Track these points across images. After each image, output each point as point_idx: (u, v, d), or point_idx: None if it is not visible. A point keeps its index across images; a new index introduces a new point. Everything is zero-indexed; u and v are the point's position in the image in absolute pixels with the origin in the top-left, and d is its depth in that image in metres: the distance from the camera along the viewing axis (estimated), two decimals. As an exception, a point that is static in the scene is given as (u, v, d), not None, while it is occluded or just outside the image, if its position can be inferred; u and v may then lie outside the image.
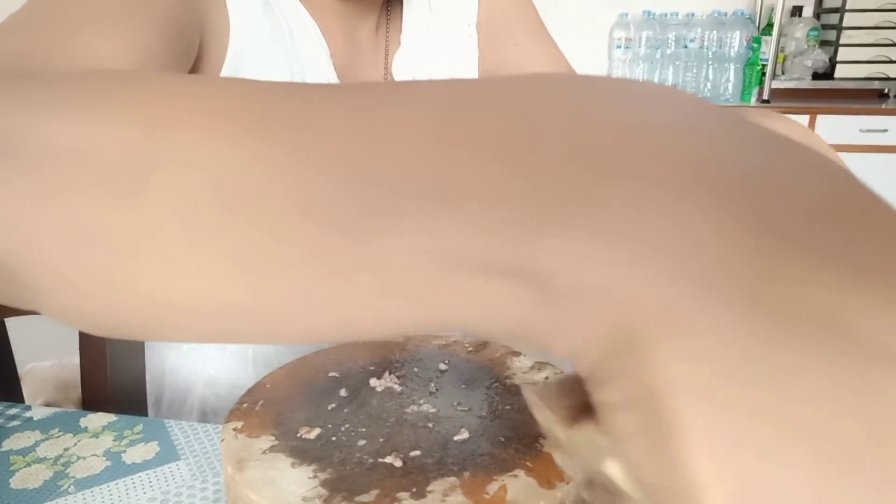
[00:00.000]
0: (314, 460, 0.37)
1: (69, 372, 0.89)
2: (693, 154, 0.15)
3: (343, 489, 0.34)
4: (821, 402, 0.13)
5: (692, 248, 0.14)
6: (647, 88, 0.18)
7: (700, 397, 0.14)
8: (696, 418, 0.14)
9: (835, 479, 0.13)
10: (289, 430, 0.40)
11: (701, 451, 0.14)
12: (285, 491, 0.34)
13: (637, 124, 0.16)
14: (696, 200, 0.14)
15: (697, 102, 0.17)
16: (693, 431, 0.14)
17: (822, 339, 0.13)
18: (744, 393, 0.13)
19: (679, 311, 0.14)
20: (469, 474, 0.35)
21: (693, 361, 0.14)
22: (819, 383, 0.13)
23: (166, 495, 0.48)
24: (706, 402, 0.13)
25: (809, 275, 0.13)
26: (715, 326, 0.14)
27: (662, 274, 0.14)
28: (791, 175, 0.15)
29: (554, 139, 0.16)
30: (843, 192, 0.15)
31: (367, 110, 0.18)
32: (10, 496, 0.49)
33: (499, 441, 0.38)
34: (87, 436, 0.56)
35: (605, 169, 0.15)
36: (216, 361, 0.66)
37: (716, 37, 3.02)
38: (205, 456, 0.53)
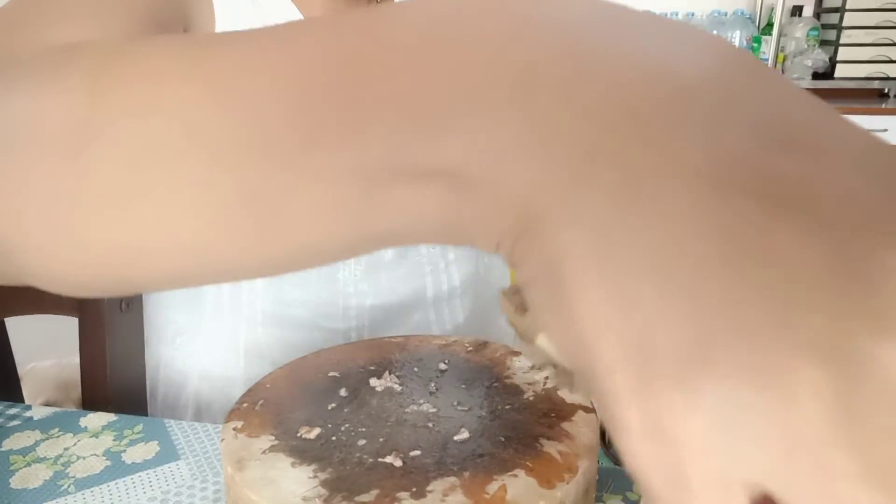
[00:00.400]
0: (314, 460, 0.37)
1: (69, 372, 0.89)
2: (570, 55, 0.17)
3: (343, 489, 0.34)
4: (688, 248, 0.15)
5: (570, 134, 0.16)
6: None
7: (586, 258, 0.15)
8: (585, 276, 0.15)
9: (708, 314, 0.14)
10: (289, 429, 0.40)
11: (592, 304, 0.15)
12: (285, 491, 0.34)
13: (521, 32, 0.18)
14: (573, 96, 0.16)
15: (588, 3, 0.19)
16: (584, 287, 0.16)
17: (686, 195, 0.15)
18: (622, 249, 0.15)
19: (564, 187, 0.16)
20: (469, 474, 0.35)
21: (578, 229, 0.16)
22: (684, 232, 0.15)
23: (166, 495, 0.48)
24: (592, 261, 0.15)
25: (667, 142, 0.15)
26: (594, 195, 0.16)
27: (549, 158, 0.16)
28: (657, 59, 0.17)
29: (448, 52, 0.18)
30: (713, 69, 0.17)
31: (283, 50, 0.20)
32: (10, 496, 0.49)
33: (499, 441, 0.38)
34: (87, 435, 0.56)
35: (495, 74, 0.17)
36: (208, 354, 0.66)
37: (716, 36, 3.02)
38: (205, 456, 0.53)
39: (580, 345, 0.16)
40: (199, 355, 0.67)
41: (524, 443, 0.38)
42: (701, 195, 0.15)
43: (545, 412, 0.41)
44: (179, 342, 0.67)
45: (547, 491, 0.34)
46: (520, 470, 0.35)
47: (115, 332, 0.67)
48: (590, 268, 0.15)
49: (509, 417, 0.41)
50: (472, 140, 0.17)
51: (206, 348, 0.66)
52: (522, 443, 0.38)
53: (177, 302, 0.67)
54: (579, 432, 0.39)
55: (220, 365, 0.66)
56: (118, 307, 0.67)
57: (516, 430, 0.39)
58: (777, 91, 0.17)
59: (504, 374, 0.45)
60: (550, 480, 0.35)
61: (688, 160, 0.15)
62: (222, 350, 0.66)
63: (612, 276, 0.15)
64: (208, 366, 0.67)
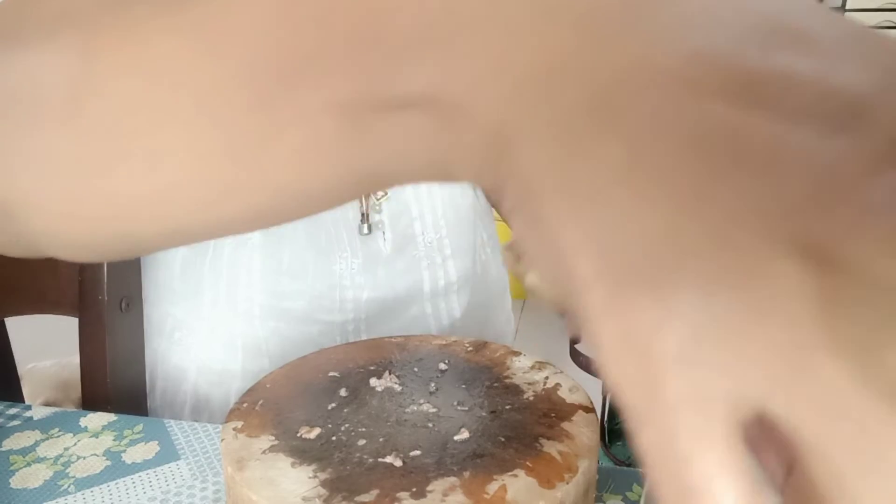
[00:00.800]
0: (314, 460, 0.37)
1: (69, 372, 0.89)
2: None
3: (343, 489, 0.34)
4: (657, 149, 0.15)
5: (537, 49, 0.16)
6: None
7: (557, 175, 0.15)
8: (557, 193, 0.15)
9: (678, 215, 0.14)
10: (289, 429, 0.40)
11: (566, 220, 0.15)
12: (285, 491, 0.34)
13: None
14: (538, 9, 0.16)
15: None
16: (556, 204, 0.15)
17: (657, 98, 0.15)
18: (591, 162, 0.15)
19: (532, 104, 0.16)
20: (469, 474, 0.35)
21: (547, 145, 0.16)
22: (654, 135, 0.15)
23: (166, 495, 0.48)
24: (562, 176, 0.15)
25: (641, 48, 0.15)
26: (561, 110, 0.16)
27: (517, 77, 0.16)
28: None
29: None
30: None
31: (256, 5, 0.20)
32: (10, 496, 0.49)
33: (499, 441, 0.38)
34: (87, 435, 0.56)
35: (459, 9, 0.17)
36: (205, 348, 0.66)
37: (716, 36, 3.02)
38: (205, 456, 0.53)
39: (559, 267, 0.16)
40: (196, 349, 0.67)
41: (524, 443, 0.38)
42: (674, 97, 0.15)
43: (545, 412, 0.41)
44: (178, 336, 0.68)
45: (547, 491, 0.34)
46: (520, 470, 0.35)
47: (115, 331, 0.67)
48: (560, 184, 0.15)
49: (509, 417, 0.41)
50: (443, 65, 0.17)
51: (203, 342, 0.67)
52: (522, 443, 0.38)
53: (176, 296, 0.67)
54: (579, 432, 0.39)
55: (218, 359, 0.66)
56: (118, 307, 0.67)
57: (516, 430, 0.39)
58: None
59: (504, 374, 0.45)
60: (550, 480, 0.35)
61: (662, 64, 0.15)
62: (220, 344, 0.66)
63: (583, 190, 0.15)
64: (206, 360, 0.67)
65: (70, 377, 0.88)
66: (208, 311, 0.65)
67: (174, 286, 0.67)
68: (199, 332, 0.66)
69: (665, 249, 0.14)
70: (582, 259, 0.15)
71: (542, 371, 0.46)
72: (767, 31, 0.15)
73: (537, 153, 0.16)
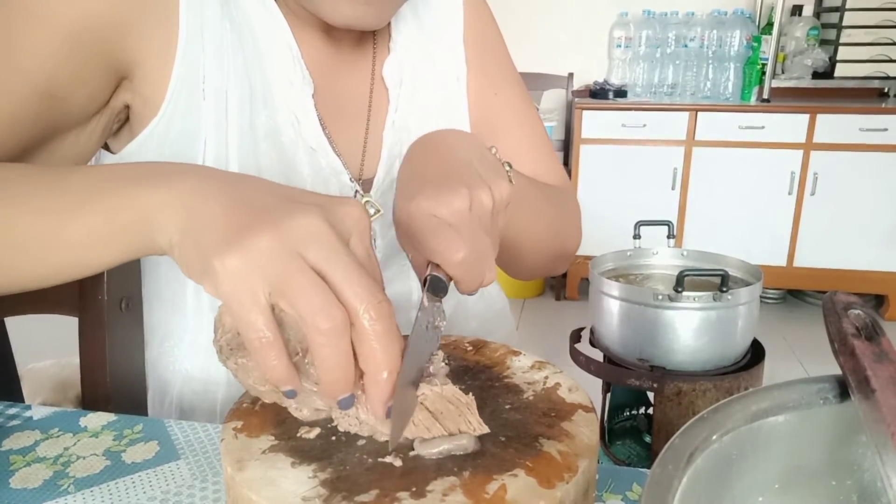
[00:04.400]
0: (314, 460, 0.37)
1: (68, 372, 0.89)
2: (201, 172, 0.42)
3: (343, 489, 0.34)
4: (210, 199, 0.39)
5: (194, 198, 0.39)
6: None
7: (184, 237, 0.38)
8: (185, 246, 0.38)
9: (233, 210, 0.38)
10: (288, 429, 0.40)
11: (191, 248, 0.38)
12: (285, 491, 0.34)
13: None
14: (198, 184, 0.40)
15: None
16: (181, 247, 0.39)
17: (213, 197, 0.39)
18: (205, 220, 0.38)
19: (182, 217, 0.39)
20: (469, 474, 0.35)
21: (185, 234, 0.39)
22: (207, 200, 0.39)
23: (166, 495, 0.48)
24: (190, 238, 0.38)
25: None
26: (205, 210, 0.38)
27: (182, 206, 0.39)
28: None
29: (143, 169, 0.43)
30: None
31: (70, 177, 0.45)
32: (10, 496, 0.49)
33: (499, 441, 0.38)
34: (87, 435, 0.56)
35: (155, 171, 0.42)
36: (190, 358, 0.66)
37: (716, 36, 3.02)
38: (205, 456, 0.53)
39: (198, 262, 0.37)
40: (182, 359, 0.67)
41: (524, 442, 0.38)
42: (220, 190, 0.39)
43: (545, 412, 0.41)
44: (167, 346, 0.67)
45: (547, 490, 0.34)
46: (520, 469, 0.35)
47: (115, 331, 0.67)
48: (188, 242, 0.38)
49: (509, 417, 0.41)
50: (159, 196, 0.40)
51: (188, 352, 0.66)
52: (522, 442, 0.38)
53: (165, 304, 0.67)
54: (579, 432, 0.39)
55: (202, 368, 0.66)
56: (118, 306, 0.66)
57: (516, 430, 0.39)
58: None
59: (504, 374, 0.45)
60: (550, 480, 0.35)
61: (216, 197, 0.39)
62: (203, 352, 0.66)
63: (195, 233, 0.38)
64: (190, 369, 0.67)
65: (68, 377, 0.88)
66: (192, 321, 0.65)
67: (164, 294, 0.67)
68: (185, 342, 0.66)
69: (228, 227, 0.37)
70: (194, 252, 0.38)
71: (542, 371, 0.46)
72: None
73: (185, 236, 0.39)
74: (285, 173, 0.63)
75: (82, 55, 0.54)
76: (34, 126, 0.55)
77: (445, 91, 0.73)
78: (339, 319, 0.34)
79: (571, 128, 3.08)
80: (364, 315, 0.35)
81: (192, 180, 0.40)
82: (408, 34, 0.71)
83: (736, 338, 1.25)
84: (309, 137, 0.64)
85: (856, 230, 2.89)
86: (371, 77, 0.70)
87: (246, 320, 0.35)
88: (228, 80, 0.60)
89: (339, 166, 0.66)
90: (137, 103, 0.60)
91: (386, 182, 0.69)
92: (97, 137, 0.61)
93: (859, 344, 0.32)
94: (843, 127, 2.78)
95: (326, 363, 0.35)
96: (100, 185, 0.43)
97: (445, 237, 0.42)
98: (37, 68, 0.53)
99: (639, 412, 1.50)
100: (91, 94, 0.57)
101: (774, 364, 1.42)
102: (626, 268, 1.42)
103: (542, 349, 0.52)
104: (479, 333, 0.76)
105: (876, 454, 0.30)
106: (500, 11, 0.86)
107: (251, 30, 0.62)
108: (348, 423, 0.39)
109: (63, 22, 0.53)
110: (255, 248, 0.35)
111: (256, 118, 0.62)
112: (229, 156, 0.61)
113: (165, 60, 0.58)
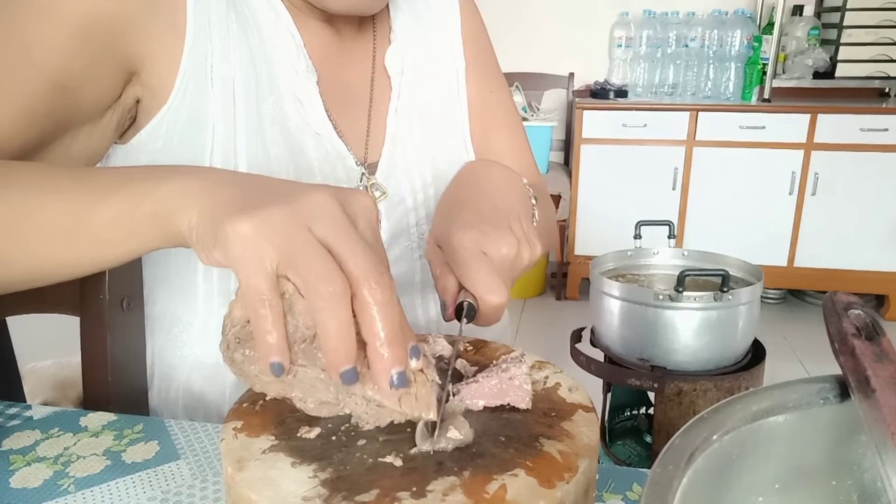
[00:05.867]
0: (314, 460, 0.37)
1: (68, 371, 0.89)
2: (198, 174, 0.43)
3: (343, 489, 0.34)
4: (225, 184, 0.42)
5: (207, 189, 0.41)
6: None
7: (202, 223, 0.40)
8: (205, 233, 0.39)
9: (245, 194, 0.40)
10: (289, 429, 0.40)
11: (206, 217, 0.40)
12: (285, 491, 0.34)
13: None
14: (197, 182, 0.42)
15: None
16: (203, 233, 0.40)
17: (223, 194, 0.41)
18: (218, 204, 0.40)
19: (203, 203, 0.40)
20: (469, 474, 0.35)
21: (201, 215, 0.40)
22: (221, 183, 0.42)
23: (166, 495, 0.48)
24: (207, 223, 0.39)
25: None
26: (213, 206, 0.40)
27: (200, 195, 0.41)
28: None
29: (159, 171, 0.45)
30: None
31: (91, 176, 0.46)
32: (10, 495, 0.49)
33: (499, 441, 0.38)
34: (87, 435, 0.56)
35: (163, 174, 0.44)
36: (200, 344, 0.66)
37: (716, 36, 3.02)
38: (205, 455, 0.53)
39: (213, 238, 0.39)
40: (191, 344, 0.67)
41: (524, 442, 0.38)
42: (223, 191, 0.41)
43: (545, 412, 0.41)
44: (175, 332, 0.68)
45: (547, 490, 0.34)
46: (520, 469, 0.35)
47: (117, 331, 0.67)
48: (204, 223, 0.40)
49: (509, 417, 0.41)
50: (170, 189, 0.42)
51: (198, 337, 0.67)
52: (522, 442, 0.38)
53: (174, 292, 0.67)
54: (579, 432, 0.39)
55: (212, 353, 0.66)
56: (119, 306, 0.67)
57: (516, 430, 0.39)
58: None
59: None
60: (550, 480, 0.35)
61: (217, 190, 0.41)
62: (213, 337, 0.66)
63: (211, 214, 0.39)
64: (200, 355, 0.67)
65: (69, 377, 0.88)
66: (202, 306, 0.65)
67: (172, 282, 0.67)
68: (194, 326, 0.66)
69: (241, 204, 0.39)
70: (208, 229, 0.39)
71: (542, 371, 0.46)
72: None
73: (202, 218, 0.40)
74: (293, 158, 0.65)
75: (92, 49, 0.56)
76: (49, 118, 0.56)
77: (445, 83, 0.76)
78: (339, 285, 0.35)
79: (572, 128, 3.08)
80: (365, 285, 0.36)
81: (214, 173, 0.43)
82: (407, 26, 0.74)
83: (736, 338, 1.25)
84: (314, 123, 0.66)
85: (856, 230, 2.89)
86: (372, 66, 0.72)
87: (250, 285, 0.36)
88: (235, 68, 0.62)
89: (345, 151, 0.68)
90: (146, 95, 0.61)
91: (390, 166, 0.71)
92: (110, 133, 0.62)
93: (859, 344, 0.32)
94: (843, 127, 2.78)
95: (327, 329, 0.35)
96: (124, 179, 0.44)
97: (491, 278, 0.46)
98: (49, 62, 0.54)
99: (639, 412, 1.50)
100: (102, 87, 0.58)
101: (775, 364, 1.42)
102: (627, 268, 1.42)
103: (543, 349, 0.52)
104: (476, 328, 0.76)
105: (876, 454, 0.30)
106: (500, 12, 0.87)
107: (255, 20, 0.64)
108: (355, 404, 0.39)
109: (72, 16, 0.54)
110: (267, 218, 0.37)
111: (263, 105, 0.63)
112: (237, 143, 0.62)
113: (174, 51, 0.59)
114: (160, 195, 0.42)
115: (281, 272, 0.37)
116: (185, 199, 0.41)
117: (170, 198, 0.41)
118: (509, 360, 0.45)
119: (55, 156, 0.59)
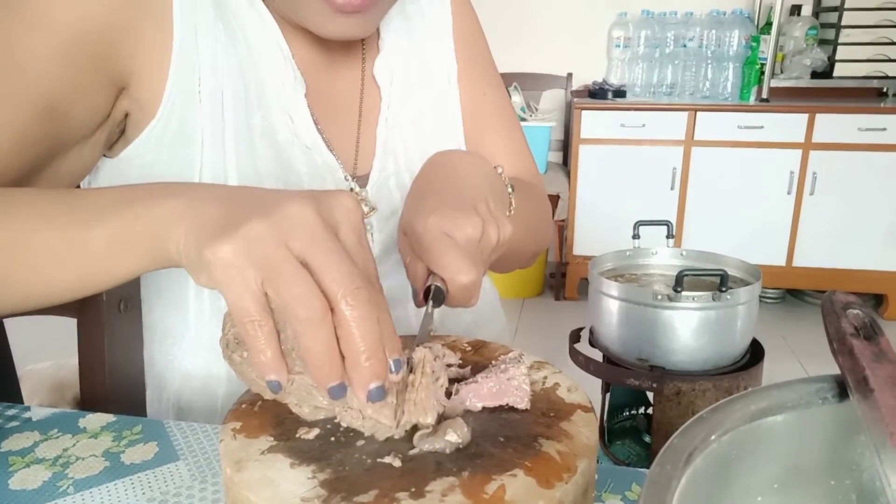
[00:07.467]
0: (313, 461, 0.37)
1: (65, 373, 0.89)
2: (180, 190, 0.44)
3: (342, 489, 0.34)
4: (213, 202, 0.42)
5: (194, 210, 0.41)
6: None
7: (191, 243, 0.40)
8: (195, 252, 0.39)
9: (228, 210, 0.40)
10: (287, 430, 0.40)
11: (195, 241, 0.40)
12: (284, 491, 0.34)
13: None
14: (183, 202, 0.42)
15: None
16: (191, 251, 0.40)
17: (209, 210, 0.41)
18: (203, 221, 0.40)
19: (190, 223, 0.41)
20: (468, 474, 0.35)
21: (191, 236, 0.40)
22: (212, 199, 0.42)
23: (165, 496, 0.48)
24: (194, 242, 0.39)
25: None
26: (197, 227, 0.40)
27: (188, 216, 0.41)
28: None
29: (142, 190, 0.45)
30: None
31: (80, 197, 0.47)
32: (9, 497, 0.48)
33: (497, 441, 0.38)
34: (86, 436, 0.56)
35: (163, 190, 0.44)
36: (191, 356, 0.66)
37: (714, 36, 3.02)
38: (204, 456, 0.53)
39: (200, 263, 0.38)
40: (181, 358, 0.67)
41: (523, 442, 0.38)
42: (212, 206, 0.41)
43: (544, 412, 0.41)
44: (167, 344, 0.67)
45: (546, 491, 0.34)
46: (519, 470, 0.35)
47: (114, 332, 0.67)
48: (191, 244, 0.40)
49: (508, 417, 0.41)
50: (162, 210, 0.42)
51: (188, 350, 0.66)
52: (521, 442, 0.38)
53: (167, 305, 0.67)
54: (578, 432, 0.39)
55: (202, 367, 0.66)
56: (117, 308, 0.66)
57: (515, 430, 0.39)
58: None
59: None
60: (549, 480, 0.35)
61: (209, 214, 0.41)
62: (204, 351, 0.66)
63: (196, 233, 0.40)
64: (189, 367, 0.67)
65: (66, 378, 0.88)
66: (194, 320, 0.65)
67: (165, 294, 0.67)
68: (185, 340, 0.66)
69: (223, 222, 0.39)
70: (194, 249, 0.39)
71: (541, 371, 0.46)
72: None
73: (191, 239, 0.40)
74: (282, 172, 0.64)
75: (82, 61, 0.55)
76: (41, 144, 0.56)
77: (437, 89, 0.75)
78: (317, 309, 0.35)
79: (570, 128, 3.08)
80: (342, 301, 0.36)
81: (201, 190, 0.43)
82: (397, 34, 0.73)
83: (735, 337, 1.25)
84: (303, 136, 0.65)
85: (855, 230, 2.89)
86: (361, 76, 0.71)
87: (238, 306, 0.37)
88: (223, 81, 0.61)
89: (334, 164, 0.67)
90: (135, 109, 0.60)
91: (381, 178, 0.70)
92: (100, 149, 0.62)
93: (858, 344, 0.32)
94: (842, 126, 2.78)
95: (309, 351, 0.36)
96: (118, 199, 0.45)
97: (457, 258, 0.45)
98: (42, 81, 0.53)
99: (638, 412, 1.50)
100: (94, 105, 0.57)
101: (773, 364, 1.42)
102: (626, 268, 1.42)
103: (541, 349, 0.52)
104: (473, 327, 0.76)
105: (874, 454, 0.30)
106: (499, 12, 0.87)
107: (243, 32, 0.63)
108: (351, 418, 0.39)
109: (62, 28, 0.53)
110: (245, 238, 0.37)
111: (252, 118, 0.63)
112: (227, 156, 0.61)
113: (161, 64, 0.58)
114: (154, 214, 0.42)
115: (266, 289, 0.37)
116: (173, 221, 0.41)
117: (162, 219, 0.42)
118: (508, 360, 0.45)
119: (44, 177, 0.58)
